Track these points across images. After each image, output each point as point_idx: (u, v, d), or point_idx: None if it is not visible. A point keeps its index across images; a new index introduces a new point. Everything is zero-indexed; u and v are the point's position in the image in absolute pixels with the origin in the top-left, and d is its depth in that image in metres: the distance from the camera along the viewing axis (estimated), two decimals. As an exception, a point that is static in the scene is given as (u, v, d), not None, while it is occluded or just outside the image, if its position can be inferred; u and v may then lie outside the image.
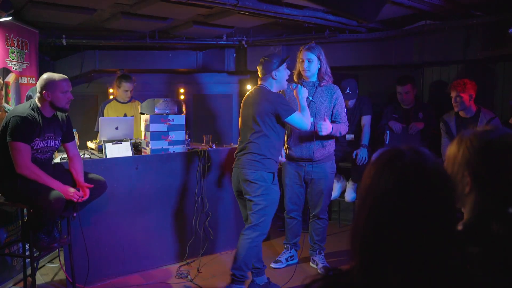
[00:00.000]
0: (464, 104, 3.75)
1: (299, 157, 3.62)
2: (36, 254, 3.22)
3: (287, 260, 3.88)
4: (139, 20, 4.08)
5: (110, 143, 3.71)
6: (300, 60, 3.55)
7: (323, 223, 3.77)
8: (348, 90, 4.27)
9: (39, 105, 2.98)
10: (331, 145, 3.65)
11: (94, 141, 4.27)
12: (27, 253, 3.23)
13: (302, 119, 3.21)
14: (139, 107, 4.75)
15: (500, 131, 1.18)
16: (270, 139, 3.18)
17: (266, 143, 3.18)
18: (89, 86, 5.35)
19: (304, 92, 3.31)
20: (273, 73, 3.23)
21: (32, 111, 2.93)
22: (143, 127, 3.94)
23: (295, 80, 3.67)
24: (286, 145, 3.69)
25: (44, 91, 2.95)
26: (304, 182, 3.71)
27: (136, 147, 3.93)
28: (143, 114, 3.93)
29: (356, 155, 4.24)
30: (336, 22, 4.22)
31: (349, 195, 4.55)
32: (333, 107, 3.58)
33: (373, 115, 4.48)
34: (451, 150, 1.21)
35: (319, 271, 3.72)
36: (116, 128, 3.84)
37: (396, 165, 0.94)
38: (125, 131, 3.90)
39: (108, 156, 3.64)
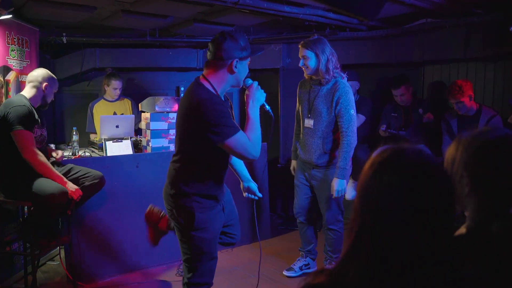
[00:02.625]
0: (466, 107, 3.75)
1: (304, 159, 3.44)
2: (36, 252, 3.23)
3: (301, 268, 3.63)
4: (139, 18, 4.07)
5: (111, 141, 3.72)
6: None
7: (334, 235, 3.46)
8: (345, 74, 4.28)
9: (28, 95, 3.13)
10: (335, 151, 3.33)
11: (95, 138, 4.27)
12: (28, 251, 3.23)
13: (246, 144, 2.09)
14: (128, 104, 4.77)
15: (498, 132, 1.17)
16: (189, 166, 2.24)
17: (182, 173, 2.25)
18: (90, 84, 5.34)
19: (260, 94, 2.27)
20: (235, 62, 2.13)
21: (27, 102, 3.07)
22: (143, 126, 3.94)
23: (305, 76, 3.34)
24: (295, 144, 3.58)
25: (45, 83, 3.15)
26: (310, 184, 3.50)
27: (136, 145, 3.93)
28: (144, 112, 3.93)
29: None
30: (337, 20, 4.21)
31: (350, 193, 4.54)
32: (335, 108, 3.20)
33: (370, 118, 4.48)
34: (450, 151, 1.21)
35: None
36: (117, 126, 3.84)
37: (400, 163, 0.93)
38: (125, 129, 3.90)
39: (108, 154, 3.65)
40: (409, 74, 4.63)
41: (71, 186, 2.97)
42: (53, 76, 3.24)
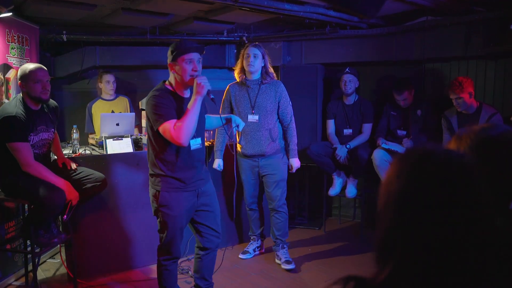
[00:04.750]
0: (466, 103, 3.74)
1: (252, 154, 3.71)
2: (37, 250, 3.23)
3: (254, 250, 4.05)
4: (139, 16, 4.06)
5: (111, 139, 3.72)
6: (245, 55, 3.62)
7: (282, 217, 3.81)
8: (347, 69, 4.40)
9: (24, 98, 2.97)
10: (280, 138, 3.75)
11: (95, 137, 4.27)
12: (29, 248, 3.24)
13: (170, 131, 2.47)
14: (125, 102, 4.77)
15: (499, 128, 1.17)
16: (153, 151, 2.67)
17: (152, 157, 2.69)
18: (90, 82, 5.34)
19: (204, 84, 2.54)
20: (172, 64, 2.63)
21: (20, 107, 2.91)
22: (144, 123, 3.94)
23: (237, 79, 3.73)
24: (238, 144, 3.77)
25: (19, 82, 2.97)
26: (259, 176, 3.82)
27: (137, 143, 3.93)
28: (144, 110, 3.93)
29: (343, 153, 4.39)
30: (337, 18, 4.20)
31: (350, 191, 4.55)
32: (279, 103, 3.66)
33: (374, 121, 4.49)
34: (450, 147, 1.21)
35: (282, 266, 3.75)
36: (117, 124, 3.84)
37: (436, 163, 0.88)
38: (126, 127, 3.90)
39: (109, 152, 3.65)
40: (409, 72, 4.63)
41: (70, 191, 2.96)
42: (25, 68, 2.95)
